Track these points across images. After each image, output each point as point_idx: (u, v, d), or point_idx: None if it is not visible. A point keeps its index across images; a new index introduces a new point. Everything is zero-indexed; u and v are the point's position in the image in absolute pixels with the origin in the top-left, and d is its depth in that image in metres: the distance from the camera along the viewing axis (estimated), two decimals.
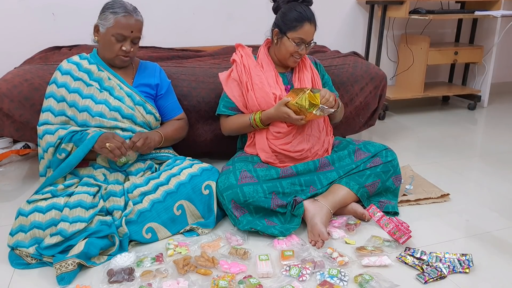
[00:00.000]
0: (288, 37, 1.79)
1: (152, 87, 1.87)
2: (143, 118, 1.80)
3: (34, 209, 1.50)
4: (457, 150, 2.59)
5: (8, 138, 2.43)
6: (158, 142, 1.79)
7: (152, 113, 1.83)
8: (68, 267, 1.37)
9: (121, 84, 1.78)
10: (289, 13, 1.78)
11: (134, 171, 1.76)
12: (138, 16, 1.74)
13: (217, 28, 3.07)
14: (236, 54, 1.93)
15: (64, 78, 1.76)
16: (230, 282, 1.33)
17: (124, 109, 1.75)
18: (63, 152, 1.68)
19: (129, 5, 1.73)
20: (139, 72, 1.88)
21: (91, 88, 1.75)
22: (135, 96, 1.79)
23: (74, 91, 1.74)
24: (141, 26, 1.75)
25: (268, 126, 1.84)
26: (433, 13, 3.08)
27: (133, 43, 1.75)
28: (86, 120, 1.71)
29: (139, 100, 1.79)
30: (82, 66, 1.78)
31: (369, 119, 2.51)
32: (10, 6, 2.62)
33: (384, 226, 1.65)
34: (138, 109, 1.78)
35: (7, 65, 2.33)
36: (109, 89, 1.77)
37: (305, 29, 1.78)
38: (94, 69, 1.77)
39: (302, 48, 1.81)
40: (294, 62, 1.87)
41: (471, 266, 1.45)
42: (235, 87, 1.90)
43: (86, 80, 1.76)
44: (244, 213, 1.66)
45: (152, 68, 1.92)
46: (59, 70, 1.78)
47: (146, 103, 1.81)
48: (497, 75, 3.88)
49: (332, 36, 3.37)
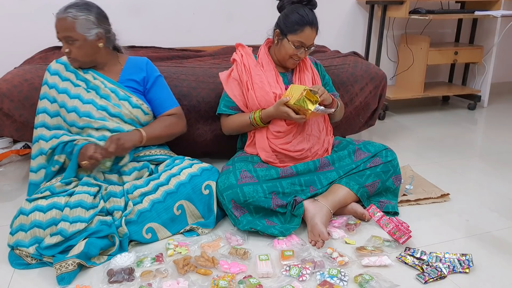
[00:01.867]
0: (288, 40, 1.79)
1: (139, 81, 1.82)
2: (130, 114, 1.75)
3: (34, 208, 1.50)
4: (457, 150, 2.59)
5: (8, 138, 2.43)
6: (138, 141, 1.71)
7: (139, 106, 1.77)
8: (68, 267, 1.37)
9: (104, 82, 1.75)
10: (291, 16, 1.78)
11: (128, 171, 1.74)
12: (64, 14, 1.63)
13: (217, 28, 3.07)
14: (237, 53, 1.93)
15: (53, 78, 1.76)
16: (230, 282, 1.33)
17: (111, 108, 1.73)
18: (56, 164, 1.69)
19: (68, 5, 1.66)
20: (126, 67, 1.83)
21: (78, 88, 1.74)
22: (119, 91, 1.75)
23: (63, 91, 1.74)
24: (65, 24, 1.63)
25: (268, 125, 1.84)
26: (433, 13, 3.08)
27: (68, 43, 1.66)
28: (74, 120, 1.71)
29: (124, 95, 1.76)
30: (69, 66, 1.77)
31: (369, 119, 2.51)
32: (10, 6, 2.62)
33: (384, 226, 1.65)
34: (124, 104, 1.75)
35: (7, 65, 2.33)
36: (95, 88, 1.75)
37: (305, 33, 1.77)
38: (80, 69, 1.77)
39: (302, 52, 1.81)
40: (292, 64, 1.87)
41: (471, 266, 1.45)
42: (236, 86, 1.90)
43: (73, 80, 1.75)
44: (244, 213, 1.66)
45: (140, 62, 1.86)
46: (48, 71, 1.79)
47: (132, 97, 1.76)
48: (497, 75, 3.88)
49: (332, 36, 3.37)
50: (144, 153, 1.80)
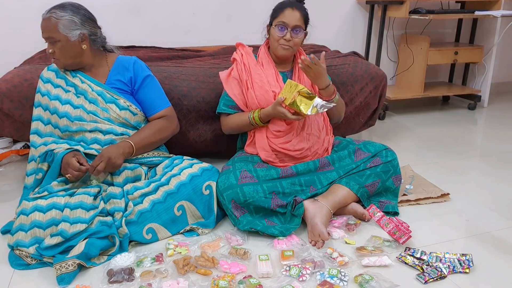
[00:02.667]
0: (274, 25, 1.83)
1: (125, 82, 1.79)
2: (119, 117, 1.74)
3: (34, 208, 1.50)
4: (457, 150, 2.59)
5: (8, 138, 2.43)
6: (128, 153, 1.69)
7: (126, 108, 1.75)
8: (69, 267, 1.37)
9: (91, 85, 1.74)
10: (276, 6, 1.86)
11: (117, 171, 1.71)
12: (48, 14, 1.64)
13: (217, 28, 3.07)
14: (237, 53, 1.94)
15: (46, 86, 1.77)
16: (230, 282, 1.33)
17: (99, 113, 1.72)
18: (40, 171, 1.70)
19: (54, 6, 1.67)
20: (114, 68, 1.81)
21: (68, 93, 1.75)
22: (105, 94, 1.74)
23: (55, 98, 1.74)
24: (48, 24, 1.64)
25: (268, 124, 1.84)
26: (433, 13, 3.08)
27: (51, 43, 1.66)
28: (67, 125, 1.72)
29: (110, 98, 1.74)
30: (59, 73, 1.78)
31: (369, 119, 2.51)
32: (10, 6, 2.62)
33: (384, 226, 1.65)
34: (111, 107, 1.73)
35: (7, 65, 2.33)
36: (83, 93, 1.74)
37: (285, 14, 1.80)
38: (69, 75, 1.77)
39: (286, 34, 1.80)
40: (282, 49, 1.84)
41: (471, 266, 1.45)
42: (236, 85, 1.90)
43: (63, 86, 1.76)
44: (244, 213, 1.66)
45: (127, 62, 1.81)
46: (40, 78, 1.79)
47: (119, 99, 1.75)
48: (497, 75, 3.88)
49: (332, 36, 3.37)
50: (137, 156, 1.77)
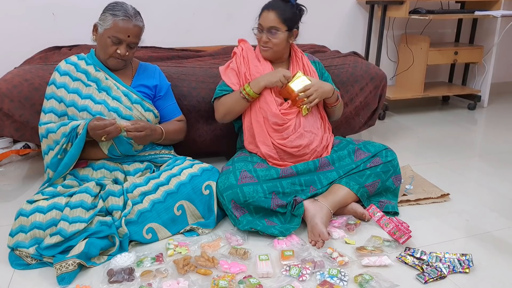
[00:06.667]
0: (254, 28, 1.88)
1: (150, 88, 1.87)
2: (142, 116, 1.79)
3: (35, 210, 1.50)
4: (457, 150, 2.59)
5: (8, 138, 2.43)
6: (157, 139, 1.80)
7: (151, 110, 1.82)
8: (69, 267, 1.37)
9: (117, 84, 1.77)
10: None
11: (132, 171, 1.76)
12: (137, 21, 1.71)
13: (217, 28, 3.07)
14: (237, 47, 1.96)
15: (63, 79, 1.76)
16: (230, 282, 1.33)
17: (122, 110, 1.75)
18: (64, 152, 1.67)
19: (131, 9, 1.71)
20: (138, 73, 1.87)
21: (89, 88, 1.75)
22: (131, 95, 1.78)
23: (74, 91, 1.74)
24: (139, 31, 1.73)
25: (259, 96, 1.84)
26: (433, 13, 3.08)
27: (130, 47, 1.73)
28: (87, 119, 1.70)
29: (136, 99, 1.79)
30: (80, 67, 1.78)
31: (369, 119, 2.51)
32: (10, 6, 2.62)
33: (384, 226, 1.65)
34: (136, 107, 1.78)
35: (7, 65, 2.33)
36: (107, 89, 1.76)
37: (262, 16, 1.84)
38: (91, 69, 1.77)
39: (262, 36, 1.84)
40: (262, 51, 1.89)
41: (471, 266, 1.45)
42: (234, 76, 1.91)
43: (84, 81, 1.76)
44: (244, 213, 1.66)
45: (151, 69, 1.92)
46: (57, 71, 1.78)
47: (144, 101, 1.80)
48: (497, 75, 3.88)
49: (332, 36, 3.37)
50: (149, 152, 1.82)
